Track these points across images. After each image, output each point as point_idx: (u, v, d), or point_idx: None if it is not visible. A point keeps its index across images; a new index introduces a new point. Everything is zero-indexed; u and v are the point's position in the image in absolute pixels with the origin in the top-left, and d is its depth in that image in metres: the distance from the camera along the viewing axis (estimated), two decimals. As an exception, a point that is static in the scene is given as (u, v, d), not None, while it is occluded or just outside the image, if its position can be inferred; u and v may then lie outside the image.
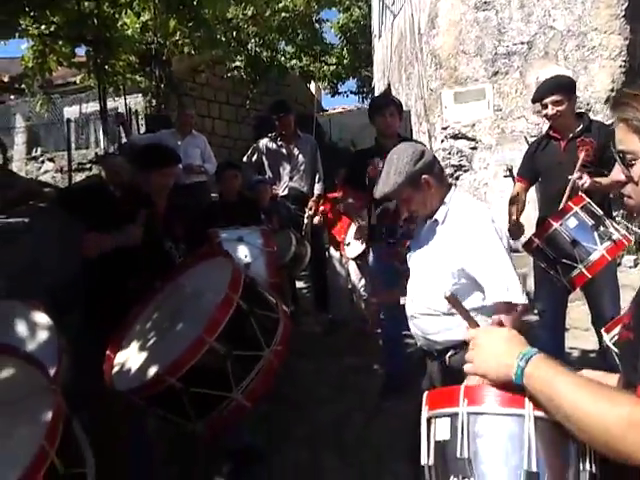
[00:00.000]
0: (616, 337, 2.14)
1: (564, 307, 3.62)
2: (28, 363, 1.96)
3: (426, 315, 2.33)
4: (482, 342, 1.24)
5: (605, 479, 1.12)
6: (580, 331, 4.57)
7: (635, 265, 5.78)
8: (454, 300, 1.37)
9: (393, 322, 4.06)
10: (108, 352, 2.56)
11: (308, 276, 6.49)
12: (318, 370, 4.52)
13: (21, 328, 2.67)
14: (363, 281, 5.14)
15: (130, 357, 2.54)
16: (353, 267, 5.16)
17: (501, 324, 1.52)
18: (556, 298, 3.43)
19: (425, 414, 1.29)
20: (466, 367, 1.26)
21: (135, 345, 2.58)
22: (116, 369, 2.53)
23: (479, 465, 1.13)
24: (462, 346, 2.19)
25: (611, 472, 1.11)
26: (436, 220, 2.35)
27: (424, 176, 2.30)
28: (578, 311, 4.67)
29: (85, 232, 2.95)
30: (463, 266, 2.23)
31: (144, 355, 2.49)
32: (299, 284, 6.42)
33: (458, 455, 1.15)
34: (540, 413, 1.12)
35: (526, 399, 1.13)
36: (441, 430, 1.23)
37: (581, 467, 1.11)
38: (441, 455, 1.21)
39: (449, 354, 2.30)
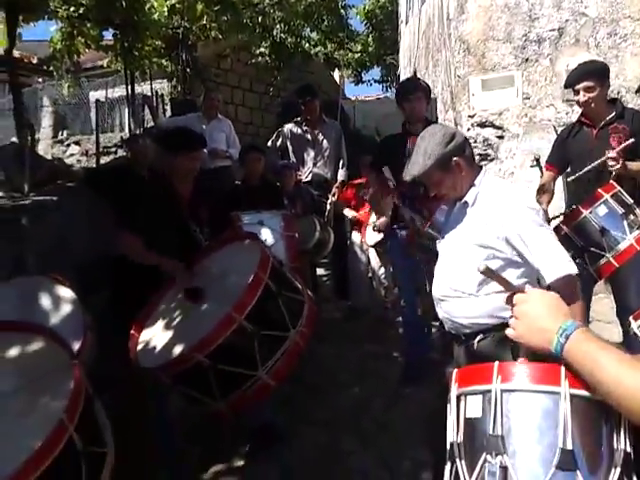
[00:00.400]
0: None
1: (589, 298, 3.57)
2: (53, 340, 1.98)
3: (453, 298, 2.30)
4: (525, 310, 1.23)
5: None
6: (603, 324, 4.51)
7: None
8: (490, 272, 1.35)
9: (413, 309, 4.04)
10: (132, 331, 2.59)
11: (328, 263, 6.49)
12: (338, 356, 4.52)
13: (46, 302, 2.71)
14: (383, 269, 5.12)
15: (155, 335, 2.57)
16: (373, 254, 5.14)
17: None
18: (582, 288, 3.37)
19: (455, 391, 1.29)
20: (508, 331, 1.27)
21: (160, 324, 2.61)
22: (141, 346, 2.55)
23: (512, 442, 1.13)
24: (491, 331, 2.18)
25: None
26: (466, 202, 2.31)
27: (455, 158, 2.26)
28: (601, 304, 4.62)
29: (131, 235, 2.93)
30: (498, 246, 2.19)
31: (170, 333, 2.52)
32: (319, 271, 6.41)
33: (490, 432, 1.15)
34: (575, 391, 1.11)
35: (562, 376, 1.13)
36: (472, 407, 1.23)
37: (615, 446, 1.10)
38: (471, 432, 1.21)
39: (478, 339, 2.26)
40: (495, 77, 6.34)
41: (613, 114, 3.39)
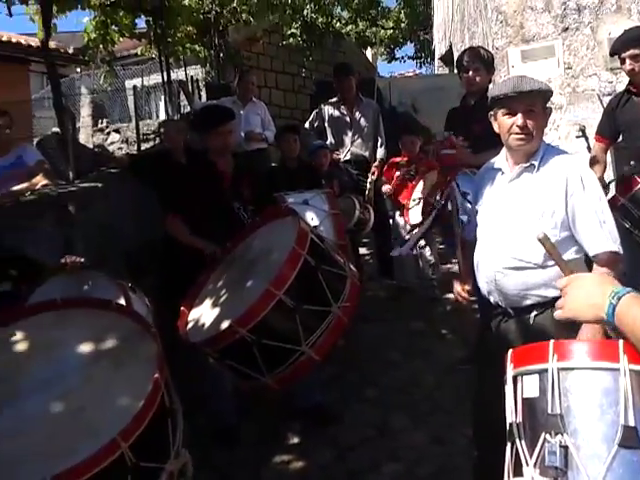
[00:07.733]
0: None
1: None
2: (120, 314, 2.05)
3: (513, 269, 2.17)
4: (573, 286, 1.22)
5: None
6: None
7: None
8: (547, 242, 1.32)
9: None
10: (182, 308, 2.67)
11: (370, 242, 6.45)
12: (385, 335, 4.49)
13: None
14: (429, 247, 5.05)
15: (203, 313, 2.64)
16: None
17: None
18: (637, 260, 3.26)
19: (510, 372, 1.28)
20: (556, 314, 1.25)
21: (208, 302, 2.68)
22: (190, 324, 2.63)
23: (572, 421, 1.12)
24: (549, 304, 2.09)
25: None
26: (532, 165, 2.20)
27: (550, 105, 2.22)
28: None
29: (177, 218, 3.08)
30: (568, 214, 2.12)
31: (217, 310, 2.58)
32: (361, 250, 6.38)
33: (549, 411, 1.14)
34: (635, 366, 1.09)
35: (620, 352, 1.10)
36: (529, 387, 1.22)
37: (680, 420, 1.07)
38: (530, 412, 1.20)
39: (534, 313, 2.16)
40: (535, 47, 6.15)
41: None
